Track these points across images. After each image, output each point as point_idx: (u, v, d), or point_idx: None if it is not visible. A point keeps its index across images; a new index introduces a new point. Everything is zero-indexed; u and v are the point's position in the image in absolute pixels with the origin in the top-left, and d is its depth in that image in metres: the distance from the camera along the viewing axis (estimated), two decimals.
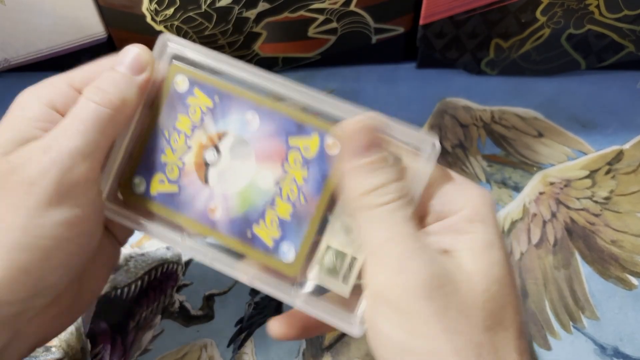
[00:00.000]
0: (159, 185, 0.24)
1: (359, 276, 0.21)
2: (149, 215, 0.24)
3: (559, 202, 0.34)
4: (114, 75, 0.23)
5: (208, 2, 0.35)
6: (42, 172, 0.21)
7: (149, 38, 0.38)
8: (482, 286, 0.19)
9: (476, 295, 0.19)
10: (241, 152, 0.23)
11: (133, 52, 0.23)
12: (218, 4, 0.35)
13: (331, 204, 0.22)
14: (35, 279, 0.21)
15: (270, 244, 0.23)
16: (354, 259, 0.22)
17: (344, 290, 0.22)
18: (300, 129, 0.23)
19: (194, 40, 0.38)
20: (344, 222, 0.22)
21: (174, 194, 0.24)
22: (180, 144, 0.24)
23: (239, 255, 0.23)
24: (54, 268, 0.22)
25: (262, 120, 0.23)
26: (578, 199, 0.34)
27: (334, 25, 0.38)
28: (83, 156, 0.22)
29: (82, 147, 0.22)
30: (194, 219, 0.23)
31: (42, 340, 0.25)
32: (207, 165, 0.24)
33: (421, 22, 0.37)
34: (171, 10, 0.36)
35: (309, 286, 0.22)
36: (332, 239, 0.22)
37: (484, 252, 0.20)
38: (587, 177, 0.35)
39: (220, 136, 0.24)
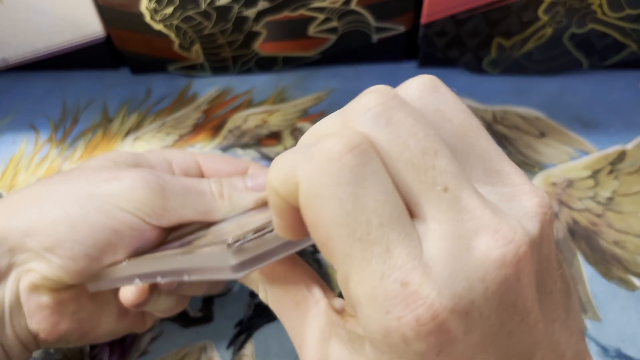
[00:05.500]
0: None
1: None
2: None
3: (561, 202, 0.34)
4: (239, 185, 0.27)
5: (208, 1, 0.35)
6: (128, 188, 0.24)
7: (147, 37, 0.38)
8: None
9: None
10: None
11: (263, 178, 0.27)
12: (218, 3, 0.35)
13: None
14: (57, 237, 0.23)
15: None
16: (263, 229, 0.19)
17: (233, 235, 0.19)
18: None
19: (193, 40, 0.38)
20: None
21: None
22: None
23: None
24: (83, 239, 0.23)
25: None
26: (580, 199, 0.34)
27: (334, 24, 0.38)
28: (163, 206, 0.24)
29: (168, 200, 0.24)
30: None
31: (42, 341, 0.25)
32: None
33: (422, 21, 0.37)
34: (170, 9, 0.36)
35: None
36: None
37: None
38: (589, 177, 0.35)
39: None
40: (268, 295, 0.20)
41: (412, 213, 0.15)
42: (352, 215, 0.14)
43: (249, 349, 0.29)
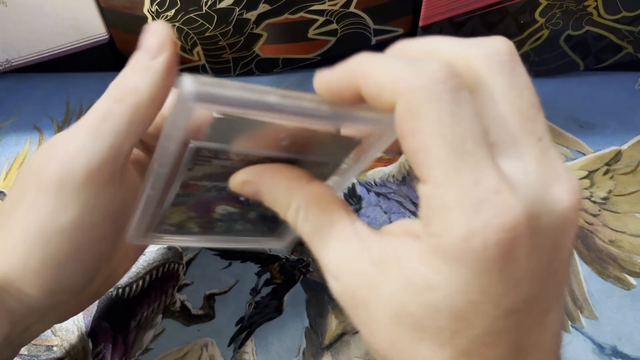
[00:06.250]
0: None
1: None
2: None
3: None
4: (130, 66, 0.21)
5: (209, 3, 0.35)
6: (47, 173, 0.21)
7: None
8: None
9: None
10: None
11: (148, 36, 0.21)
12: (219, 5, 0.36)
13: None
14: (51, 281, 0.22)
15: None
16: None
17: None
18: None
19: (194, 42, 0.38)
20: None
21: None
22: None
23: None
24: (70, 272, 0.22)
25: None
26: None
27: (334, 26, 0.38)
28: (86, 155, 0.20)
29: (84, 145, 0.20)
30: None
31: (63, 318, 0.26)
32: None
33: (420, 23, 0.37)
34: (172, 12, 0.36)
35: None
36: None
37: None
38: (585, 177, 0.35)
39: None
40: (300, 213, 0.20)
41: (497, 150, 0.16)
42: (450, 128, 0.15)
43: (249, 347, 0.30)
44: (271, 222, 0.27)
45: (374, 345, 0.18)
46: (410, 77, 0.16)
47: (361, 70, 0.17)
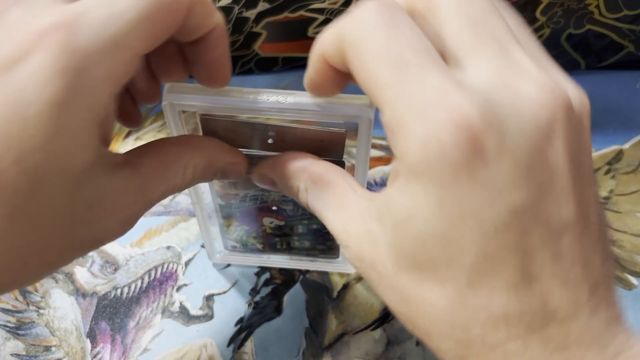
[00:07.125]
0: None
1: None
2: None
3: None
4: None
5: None
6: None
7: None
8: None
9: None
10: None
11: None
12: (218, 4, 0.35)
13: None
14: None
15: None
16: None
17: None
18: None
19: None
20: None
21: None
22: None
23: None
24: None
25: None
26: None
27: None
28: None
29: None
30: None
31: None
32: None
33: None
34: None
35: None
36: None
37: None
38: None
39: None
40: (309, 194, 0.21)
41: (454, 63, 0.16)
42: (386, 47, 0.15)
43: (249, 347, 0.30)
44: (322, 235, 0.28)
45: (389, 305, 0.18)
46: (346, 21, 0.17)
47: (320, 42, 0.18)
